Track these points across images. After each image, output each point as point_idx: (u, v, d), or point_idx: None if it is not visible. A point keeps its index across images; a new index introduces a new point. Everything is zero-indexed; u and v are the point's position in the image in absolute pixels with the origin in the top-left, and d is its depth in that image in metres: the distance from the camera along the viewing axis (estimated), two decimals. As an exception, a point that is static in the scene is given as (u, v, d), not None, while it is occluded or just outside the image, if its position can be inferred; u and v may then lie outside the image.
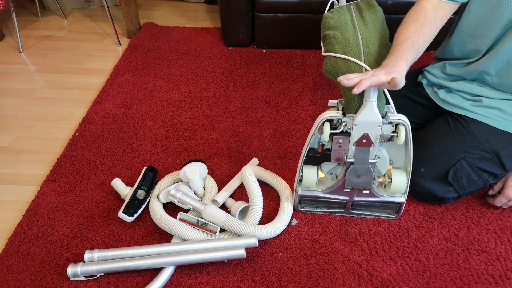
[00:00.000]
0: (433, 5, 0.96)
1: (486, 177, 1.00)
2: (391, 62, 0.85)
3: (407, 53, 0.88)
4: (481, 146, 0.97)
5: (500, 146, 0.97)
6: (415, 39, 0.91)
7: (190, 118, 1.43)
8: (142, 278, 0.94)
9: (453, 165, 1.00)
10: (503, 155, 0.97)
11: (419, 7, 0.96)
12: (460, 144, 1.00)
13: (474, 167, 0.99)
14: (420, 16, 0.94)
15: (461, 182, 1.01)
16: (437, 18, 0.96)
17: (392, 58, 0.87)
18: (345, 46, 0.98)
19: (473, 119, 1.01)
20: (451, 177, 1.00)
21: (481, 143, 0.97)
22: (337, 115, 0.91)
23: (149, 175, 1.14)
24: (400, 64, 0.84)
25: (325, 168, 1.03)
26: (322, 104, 1.50)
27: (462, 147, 0.99)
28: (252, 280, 0.94)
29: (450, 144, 1.01)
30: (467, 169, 0.99)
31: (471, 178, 1.00)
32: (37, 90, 1.61)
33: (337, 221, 1.07)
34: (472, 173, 0.99)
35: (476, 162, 0.98)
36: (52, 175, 1.20)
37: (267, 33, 1.77)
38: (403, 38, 0.91)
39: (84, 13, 2.21)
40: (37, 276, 0.94)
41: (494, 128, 0.98)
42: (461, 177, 1.00)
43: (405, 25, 0.95)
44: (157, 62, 1.74)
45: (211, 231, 0.99)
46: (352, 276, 0.94)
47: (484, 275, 0.94)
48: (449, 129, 1.03)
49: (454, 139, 1.01)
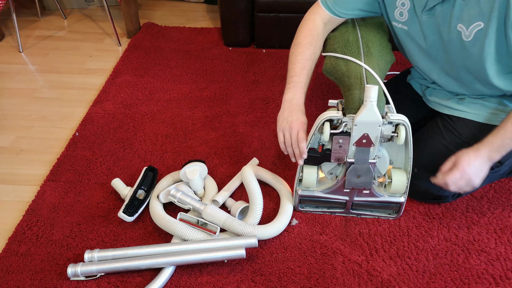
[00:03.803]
0: (324, 21, 1.01)
1: None
2: (294, 100, 0.95)
3: (304, 85, 0.98)
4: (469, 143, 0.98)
5: None
6: (309, 66, 0.99)
7: (190, 118, 1.43)
8: (142, 278, 0.94)
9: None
10: None
11: (312, 26, 1.01)
12: (449, 142, 1.00)
13: None
14: (313, 39, 1.00)
15: None
16: (325, 34, 1.04)
17: (292, 94, 0.96)
18: (345, 45, 0.98)
19: (458, 117, 1.01)
20: None
21: (469, 141, 0.98)
22: (337, 115, 0.90)
23: (149, 175, 1.14)
24: (301, 102, 0.96)
25: (325, 168, 1.03)
26: (322, 104, 1.50)
27: (452, 145, 1.00)
28: (252, 280, 0.94)
29: (440, 143, 1.01)
30: None
31: None
32: (37, 90, 1.61)
33: (337, 221, 1.07)
34: None
35: None
36: (52, 175, 1.20)
37: (267, 33, 1.77)
38: (300, 66, 0.98)
39: (84, 13, 2.21)
40: (37, 276, 0.94)
41: (480, 123, 0.99)
42: None
43: (301, 48, 0.99)
44: (157, 62, 1.74)
45: (211, 231, 0.99)
46: (352, 276, 0.94)
47: (484, 275, 0.94)
48: (438, 129, 1.04)
49: (444, 138, 1.01)
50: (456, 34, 0.87)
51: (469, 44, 0.86)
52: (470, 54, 0.88)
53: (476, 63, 0.89)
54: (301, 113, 0.94)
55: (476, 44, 0.85)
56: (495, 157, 0.87)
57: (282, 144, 0.95)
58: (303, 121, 0.93)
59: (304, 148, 0.92)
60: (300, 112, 0.94)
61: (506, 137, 0.85)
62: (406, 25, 0.96)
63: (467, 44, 0.87)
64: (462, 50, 0.89)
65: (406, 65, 1.70)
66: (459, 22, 0.85)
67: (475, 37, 0.85)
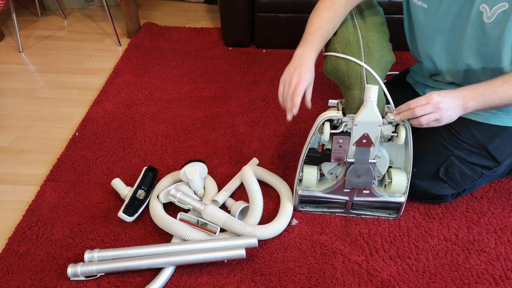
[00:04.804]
0: None
1: (479, 170, 1.00)
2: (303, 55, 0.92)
3: (317, 43, 0.94)
4: (467, 142, 0.98)
5: (486, 140, 0.97)
6: (326, 28, 0.95)
7: (190, 118, 1.43)
8: (142, 278, 0.94)
9: (443, 162, 1.00)
10: (491, 148, 0.97)
11: None
12: (448, 141, 1.00)
13: (466, 162, 0.99)
14: (333, 4, 0.97)
15: (455, 178, 1.01)
16: (347, 5, 1.00)
17: (303, 49, 0.92)
18: (346, 45, 0.98)
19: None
20: (442, 174, 1.01)
21: (467, 140, 0.98)
22: (337, 115, 0.91)
23: (149, 175, 1.14)
24: (310, 58, 0.92)
25: (325, 168, 1.03)
26: (322, 104, 1.50)
27: (451, 144, 1.00)
28: (252, 280, 0.94)
29: (439, 142, 1.02)
30: (459, 165, 1.00)
31: (464, 173, 1.00)
32: (37, 90, 1.61)
33: (337, 221, 1.07)
34: (464, 168, 1.00)
35: (466, 157, 0.99)
36: (52, 175, 1.20)
37: (267, 33, 1.77)
38: (316, 26, 0.95)
39: (84, 13, 2.21)
40: (37, 276, 0.94)
41: (478, 122, 0.98)
42: (453, 173, 1.01)
43: (319, 11, 0.97)
44: (157, 62, 1.74)
45: (211, 231, 0.99)
46: (352, 276, 0.94)
47: (484, 275, 0.94)
48: (436, 128, 1.03)
49: (442, 137, 1.02)
50: (477, 14, 0.86)
51: (490, 26, 0.85)
52: (488, 37, 0.87)
53: (493, 47, 0.87)
54: (307, 69, 0.91)
55: (497, 27, 0.84)
56: (470, 104, 0.83)
57: (280, 97, 0.92)
58: (305, 77, 0.89)
59: (297, 102, 0.87)
60: (306, 68, 0.91)
61: (489, 87, 0.83)
62: (426, 3, 0.95)
63: (488, 26, 0.85)
64: (481, 32, 0.87)
65: (406, 65, 1.70)
66: (483, 2, 0.84)
67: (497, 19, 0.83)
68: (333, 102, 0.96)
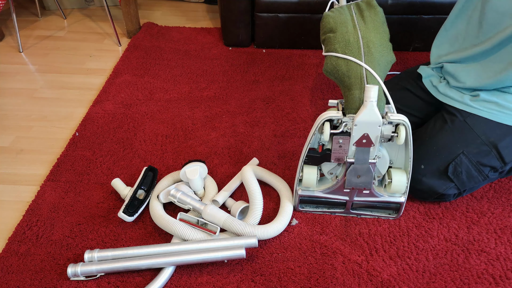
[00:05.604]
0: None
1: (486, 172, 1.01)
2: None
3: None
4: (479, 138, 0.98)
5: (497, 138, 0.98)
6: None
7: (190, 118, 1.43)
8: (142, 278, 0.94)
9: (453, 160, 1.00)
10: (501, 147, 0.98)
11: None
12: (458, 139, 1.00)
13: (474, 162, 0.99)
14: None
15: (461, 177, 1.01)
16: None
17: None
18: (346, 46, 0.98)
19: (469, 113, 1.01)
20: (451, 172, 1.01)
21: (479, 136, 0.98)
22: (337, 115, 0.91)
23: (149, 175, 1.14)
24: None
25: (325, 168, 1.03)
26: (322, 104, 1.50)
27: (461, 142, 1.00)
28: (252, 280, 0.94)
29: (449, 140, 1.01)
30: (467, 164, 1.00)
31: (471, 173, 1.00)
32: (37, 90, 1.61)
33: (337, 221, 1.07)
34: (471, 168, 1.00)
35: (475, 156, 0.99)
36: (52, 175, 1.20)
37: (267, 33, 1.77)
38: None
39: (84, 13, 2.21)
40: (37, 276, 0.94)
41: (491, 121, 0.99)
42: (460, 172, 1.01)
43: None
44: (157, 62, 1.74)
45: (211, 231, 0.99)
46: (352, 276, 0.94)
47: (484, 275, 0.94)
48: (446, 125, 1.04)
49: (453, 134, 1.01)
50: None
51: None
52: None
53: None
54: None
55: None
56: None
57: None
58: None
59: None
60: None
61: None
62: None
63: None
64: None
65: (406, 65, 1.70)
66: None
67: None
68: (333, 102, 0.96)
